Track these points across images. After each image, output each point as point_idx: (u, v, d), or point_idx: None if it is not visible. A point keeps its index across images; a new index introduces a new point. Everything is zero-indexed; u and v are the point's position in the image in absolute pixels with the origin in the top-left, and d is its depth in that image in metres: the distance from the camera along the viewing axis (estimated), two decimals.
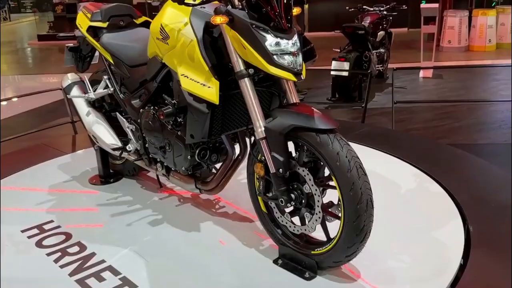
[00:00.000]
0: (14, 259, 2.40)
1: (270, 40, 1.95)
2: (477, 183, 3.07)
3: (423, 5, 8.25)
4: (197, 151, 2.40)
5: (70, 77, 3.15)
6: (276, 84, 2.26)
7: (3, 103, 6.73)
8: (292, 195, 2.10)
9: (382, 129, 4.74)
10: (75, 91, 3.08)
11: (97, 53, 3.06)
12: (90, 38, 2.85)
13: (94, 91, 2.98)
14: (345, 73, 6.06)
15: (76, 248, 2.45)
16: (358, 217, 1.93)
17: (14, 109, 6.59)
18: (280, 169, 2.05)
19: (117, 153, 2.85)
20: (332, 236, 2.10)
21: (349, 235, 1.97)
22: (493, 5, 11.07)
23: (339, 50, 6.61)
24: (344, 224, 1.98)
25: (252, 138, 2.24)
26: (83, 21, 2.89)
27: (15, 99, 7.05)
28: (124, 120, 2.79)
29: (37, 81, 9.33)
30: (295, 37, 2.03)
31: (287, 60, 1.97)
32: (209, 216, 2.74)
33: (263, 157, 2.13)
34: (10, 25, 20.39)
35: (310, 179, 2.05)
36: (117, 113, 2.84)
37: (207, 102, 2.15)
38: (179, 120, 2.37)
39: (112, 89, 2.87)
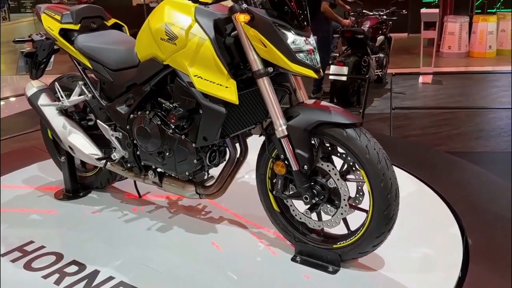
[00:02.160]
0: (8, 285, 2.21)
1: (291, 38, 1.99)
2: (475, 193, 3.01)
3: (423, 10, 8.20)
4: (208, 154, 2.37)
5: (35, 85, 2.93)
6: (281, 82, 2.26)
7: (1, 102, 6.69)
8: (315, 191, 2.13)
9: (380, 135, 4.67)
10: (44, 100, 2.87)
11: (52, 59, 2.92)
12: (63, 42, 2.70)
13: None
14: (344, 78, 5.99)
15: (74, 268, 2.30)
16: (388, 206, 2.00)
17: (9, 109, 6.51)
18: (305, 166, 2.08)
19: (101, 163, 2.71)
20: (352, 228, 2.18)
21: (379, 224, 2.03)
22: (493, 11, 11.03)
23: (337, 55, 6.55)
24: (373, 214, 2.03)
25: (258, 137, 2.27)
26: (52, 24, 2.73)
27: (12, 99, 6.98)
28: (107, 127, 2.63)
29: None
30: (311, 35, 2.09)
31: (307, 57, 2.01)
32: (200, 221, 2.68)
33: (282, 155, 2.13)
34: (10, 25, 20.30)
35: (335, 174, 2.09)
36: (98, 121, 2.68)
37: (224, 102, 2.12)
38: (182, 124, 2.30)
39: (90, 95, 2.70)
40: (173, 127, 2.34)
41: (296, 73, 2.05)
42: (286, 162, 2.14)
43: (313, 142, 2.15)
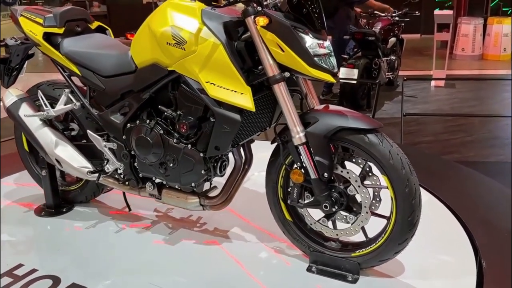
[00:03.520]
0: None
1: (309, 42, 1.94)
2: (489, 208, 2.85)
3: (437, 12, 7.99)
4: (219, 164, 2.28)
5: (14, 93, 2.69)
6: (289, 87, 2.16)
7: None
8: (333, 199, 2.08)
9: None
10: (25, 110, 2.64)
11: (25, 65, 2.73)
12: (47, 47, 2.52)
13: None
14: (354, 77, 5.84)
15: None
16: (412, 212, 1.96)
17: None
18: (325, 174, 2.02)
19: (92, 177, 2.54)
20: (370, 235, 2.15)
21: (402, 231, 1.99)
22: (509, 13, 10.80)
23: (347, 57, 6.39)
24: (396, 221, 1.99)
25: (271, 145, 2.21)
26: (34, 28, 2.54)
27: None
28: (99, 138, 2.47)
29: (46, 78, 9.18)
30: (327, 38, 2.05)
31: (325, 61, 1.94)
32: (199, 233, 2.55)
33: (298, 163, 2.07)
34: None
35: (356, 180, 2.04)
36: (89, 131, 2.51)
37: (239, 109, 2.03)
38: (190, 133, 2.19)
39: (78, 103, 2.53)
40: (177, 136, 2.24)
41: (314, 78, 1.98)
42: (302, 170, 2.07)
43: (336, 146, 2.11)
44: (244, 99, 2.01)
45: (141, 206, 2.82)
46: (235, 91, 2.02)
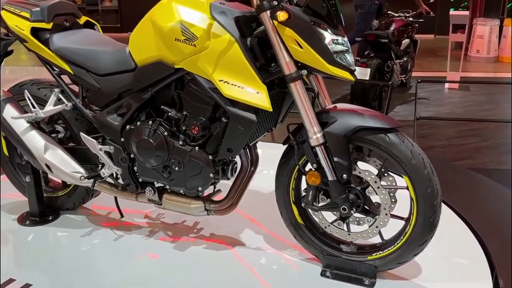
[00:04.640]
0: None
1: (329, 38, 1.88)
2: (507, 222, 2.71)
3: (452, 12, 7.81)
4: (230, 167, 2.20)
5: None
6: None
7: None
8: (351, 201, 2.04)
9: None
10: (11, 111, 2.46)
11: (3, 63, 2.57)
12: (36, 43, 2.37)
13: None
14: (367, 77, 5.69)
15: None
16: (434, 213, 1.93)
17: None
18: (344, 175, 1.97)
19: (87, 182, 2.42)
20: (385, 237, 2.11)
21: (423, 232, 1.95)
22: None
23: (359, 58, 6.24)
24: (417, 222, 1.95)
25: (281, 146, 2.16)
26: (20, 23, 2.38)
27: None
28: (94, 140, 2.33)
29: None
30: (344, 34, 2.00)
31: (344, 58, 1.92)
32: (198, 239, 2.46)
33: (314, 165, 2.02)
34: None
35: (376, 182, 1.99)
36: (82, 134, 2.37)
37: (254, 109, 1.95)
38: (199, 134, 2.10)
39: (70, 104, 2.41)
40: (183, 137, 2.14)
41: (333, 76, 1.91)
42: (318, 171, 2.02)
43: (353, 147, 2.06)
44: (261, 98, 1.92)
45: (133, 210, 2.72)
46: (250, 90, 1.93)
